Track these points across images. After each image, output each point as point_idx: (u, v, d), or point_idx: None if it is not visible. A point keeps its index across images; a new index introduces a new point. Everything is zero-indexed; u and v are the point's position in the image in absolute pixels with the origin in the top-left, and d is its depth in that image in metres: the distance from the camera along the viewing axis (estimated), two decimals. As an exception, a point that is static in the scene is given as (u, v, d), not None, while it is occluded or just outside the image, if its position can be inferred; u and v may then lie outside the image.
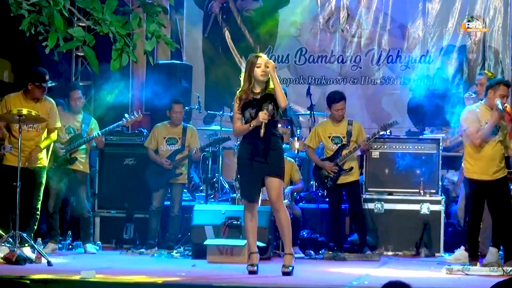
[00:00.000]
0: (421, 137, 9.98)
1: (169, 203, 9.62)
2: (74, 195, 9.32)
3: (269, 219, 8.37)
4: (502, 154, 7.99)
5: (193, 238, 8.71)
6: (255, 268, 7.09)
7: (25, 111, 7.97)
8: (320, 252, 9.10)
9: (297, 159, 9.96)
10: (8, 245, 7.74)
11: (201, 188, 10.79)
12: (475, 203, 8.00)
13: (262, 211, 7.90)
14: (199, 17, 12.59)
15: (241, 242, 8.12)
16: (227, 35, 12.47)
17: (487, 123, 7.85)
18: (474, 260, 7.94)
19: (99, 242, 9.56)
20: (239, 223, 8.42)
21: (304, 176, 10.13)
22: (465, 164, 8.07)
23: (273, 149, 7.11)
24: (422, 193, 9.59)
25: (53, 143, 8.75)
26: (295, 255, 7.59)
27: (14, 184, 7.84)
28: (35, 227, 8.48)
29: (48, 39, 5.89)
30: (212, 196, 10.30)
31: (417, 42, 11.95)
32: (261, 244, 7.94)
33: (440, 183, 9.73)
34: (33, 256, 7.73)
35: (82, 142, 9.23)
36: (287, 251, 7.12)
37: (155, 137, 9.63)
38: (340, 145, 9.32)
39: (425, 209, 9.52)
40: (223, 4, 12.54)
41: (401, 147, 9.79)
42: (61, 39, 5.91)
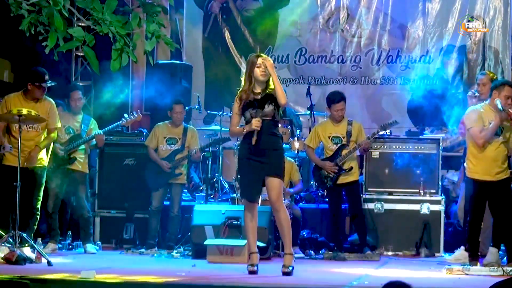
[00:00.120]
0: (421, 137, 9.98)
1: (168, 203, 9.63)
2: (74, 195, 9.31)
3: (269, 219, 8.37)
4: (505, 155, 7.97)
5: (193, 238, 8.70)
6: (255, 268, 7.09)
7: (25, 111, 7.96)
8: (320, 252, 9.10)
9: (297, 159, 9.96)
10: (8, 245, 7.73)
11: (201, 188, 10.79)
12: (476, 203, 7.99)
13: (262, 211, 7.90)
14: (199, 17, 12.58)
15: (241, 242, 8.11)
16: (227, 35, 12.47)
17: (491, 123, 7.85)
18: (474, 260, 7.94)
19: (99, 242, 9.56)
20: (239, 223, 8.42)
21: (304, 176, 10.13)
22: (467, 164, 8.07)
23: (274, 149, 7.11)
24: (422, 193, 9.58)
25: (52, 143, 8.75)
26: (295, 255, 7.59)
27: (14, 184, 7.84)
28: (35, 227, 8.47)
29: (48, 39, 5.89)
30: (212, 196, 10.30)
31: (417, 42, 11.94)
32: (261, 244, 7.94)
33: (440, 183, 9.72)
34: (33, 256, 7.72)
35: (81, 142, 9.22)
36: (287, 251, 7.11)
37: (155, 136, 9.63)
38: (340, 145, 9.32)
39: (425, 209, 9.51)
40: (223, 4, 12.53)
41: (401, 147, 9.78)
42: (61, 39, 5.91)
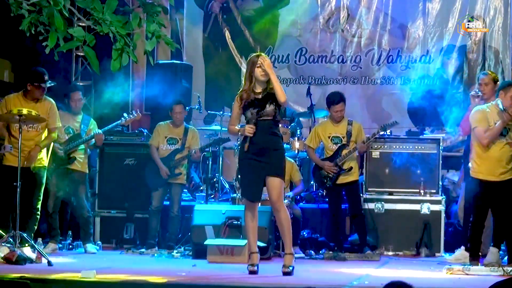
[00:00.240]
0: (421, 137, 9.98)
1: (168, 203, 9.63)
2: (74, 195, 9.31)
3: (269, 219, 8.37)
4: (509, 155, 7.93)
5: (193, 238, 8.70)
6: (256, 268, 7.09)
7: (25, 111, 7.97)
8: (321, 252, 9.10)
9: (297, 159, 9.96)
10: (9, 245, 7.73)
11: (201, 188, 10.80)
12: (480, 203, 7.96)
13: (262, 211, 7.90)
14: (199, 17, 12.58)
15: (241, 242, 8.11)
16: (227, 35, 12.47)
17: (497, 123, 7.84)
18: (475, 259, 7.92)
19: (99, 242, 9.56)
20: (239, 223, 8.42)
21: (304, 176, 10.13)
22: (472, 163, 8.05)
23: (274, 149, 7.11)
24: (422, 193, 9.58)
25: (52, 143, 8.74)
26: (296, 255, 7.59)
27: (15, 184, 7.84)
28: (35, 227, 8.47)
29: (48, 39, 5.88)
30: (213, 196, 10.30)
31: (417, 42, 11.94)
32: (262, 244, 7.94)
33: (440, 183, 9.72)
34: (33, 256, 7.72)
35: (80, 142, 9.22)
36: (287, 251, 7.11)
37: (158, 134, 9.63)
38: (339, 145, 9.33)
39: (425, 209, 9.51)
40: (223, 4, 12.53)
41: (401, 147, 9.78)
42: (61, 39, 5.90)
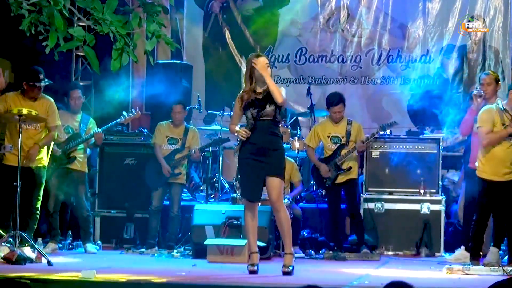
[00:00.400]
0: (421, 136, 9.97)
1: (168, 203, 9.63)
2: (73, 194, 9.31)
3: (269, 219, 8.37)
4: None
5: (193, 238, 8.70)
6: (256, 267, 7.09)
7: (25, 110, 7.96)
8: (321, 251, 9.10)
9: (297, 159, 9.96)
10: (8, 245, 7.73)
11: (201, 188, 10.80)
12: (483, 202, 7.94)
13: (262, 210, 7.89)
14: (199, 16, 12.58)
15: (241, 242, 8.11)
16: (227, 34, 12.47)
17: (504, 124, 7.82)
18: (476, 259, 7.91)
19: (99, 242, 9.56)
20: (239, 222, 8.42)
21: (304, 176, 10.13)
22: (478, 162, 8.02)
23: (274, 149, 7.11)
24: (422, 193, 9.58)
25: (52, 142, 8.73)
26: (296, 254, 7.59)
27: (15, 184, 7.83)
28: (35, 226, 8.47)
29: (49, 39, 5.88)
30: (213, 196, 10.30)
31: (417, 42, 11.94)
32: (262, 244, 7.94)
33: (440, 182, 9.71)
34: (33, 256, 7.71)
35: (80, 141, 9.21)
36: (287, 251, 7.11)
37: (160, 134, 9.63)
38: (338, 145, 9.33)
39: (425, 208, 9.51)
40: (223, 4, 12.53)
41: (401, 146, 9.77)
42: (62, 39, 5.90)
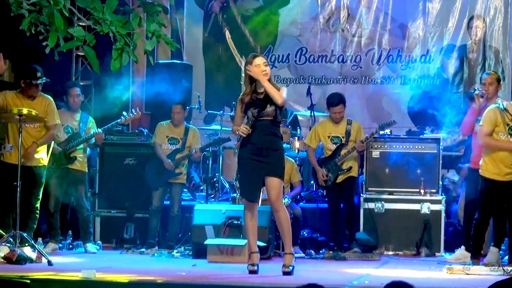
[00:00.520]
0: (421, 136, 9.97)
1: (168, 202, 9.63)
2: (73, 194, 9.31)
3: (269, 219, 8.37)
4: None
5: (193, 238, 8.70)
6: (256, 267, 7.09)
7: (25, 110, 7.94)
8: (321, 251, 9.09)
9: (297, 159, 9.96)
10: (9, 244, 7.72)
11: (201, 187, 10.80)
12: (486, 200, 7.90)
13: (262, 210, 7.89)
14: (199, 16, 12.59)
15: (241, 242, 8.11)
16: (227, 34, 12.47)
17: (508, 124, 7.80)
18: (476, 258, 7.89)
19: (99, 242, 9.56)
20: (239, 222, 8.41)
21: (304, 176, 10.13)
22: (481, 161, 7.99)
23: (274, 149, 7.11)
24: (423, 193, 9.57)
25: (52, 142, 8.73)
26: (296, 254, 7.59)
27: (15, 183, 7.83)
28: (35, 226, 8.46)
29: (49, 38, 5.88)
30: (213, 195, 10.30)
31: (418, 41, 11.94)
32: (262, 244, 7.94)
33: (440, 182, 9.71)
34: (33, 255, 7.70)
35: (81, 141, 9.21)
36: (287, 251, 7.11)
37: (160, 133, 9.64)
38: (338, 144, 9.33)
39: (425, 208, 9.51)
40: (223, 4, 12.53)
41: (401, 146, 9.77)
42: (62, 38, 5.90)
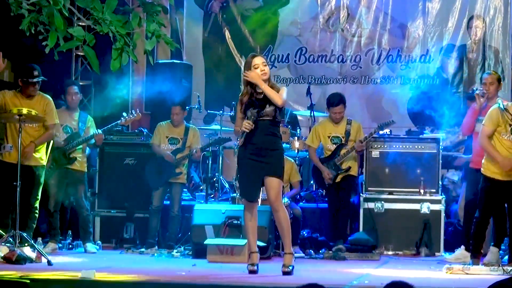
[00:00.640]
0: (421, 136, 9.97)
1: (169, 202, 9.63)
2: (73, 194, 9.32)
3: (269, 219, 8.36)
4: None
5: (193, 238, 8.70)
6: (255, 267, 7.09)
7: (25, 110, 7.95)
8: (320, 251, 9.09)
9: (297, 158, 9.96)
10: (8, 244, 7.72)
11: (201, 187, 10.79)
12: (486, 199, 7.88)
13: (262, 210, 7.90)
14: (199, 16, 12.58)
15: (241, 242, 8.11)
16: (227, 34, 12.47)
17: (510, 125, 7.78)
18: (476, 257, 7.88)
19: (99, 242, 9.56)
20: (239, 222, 8.41)
21: (304, 176, 10.13)
22: (483, 159, 7.96)
23: (273, 149, 7.11)
24: (422, 193, 9.57)
25: (52, 141, 8.72)
26: (295, 254, 7.59)
27: (14, 183, 7.82)
28: (34, 226, 8.45)
29: (48, 38, 5.88)
30: (212, 195, 10.29)
31: (417, 41, 11.94)
32: (261, 244, 7.93)
33: (440, 182, 9.71)
34: (33, 255, 7.71)
35: (81, 141, 9.20)
36: (287, 251, 7.11)
37: (159, 134, 9.64)
38: (338, 144, 9.34)
39: (425, 208, 9.51)
40: (223, 4, 12.53)
41: (401, 146, 9.77)
42: (61, 38, 5.90)
